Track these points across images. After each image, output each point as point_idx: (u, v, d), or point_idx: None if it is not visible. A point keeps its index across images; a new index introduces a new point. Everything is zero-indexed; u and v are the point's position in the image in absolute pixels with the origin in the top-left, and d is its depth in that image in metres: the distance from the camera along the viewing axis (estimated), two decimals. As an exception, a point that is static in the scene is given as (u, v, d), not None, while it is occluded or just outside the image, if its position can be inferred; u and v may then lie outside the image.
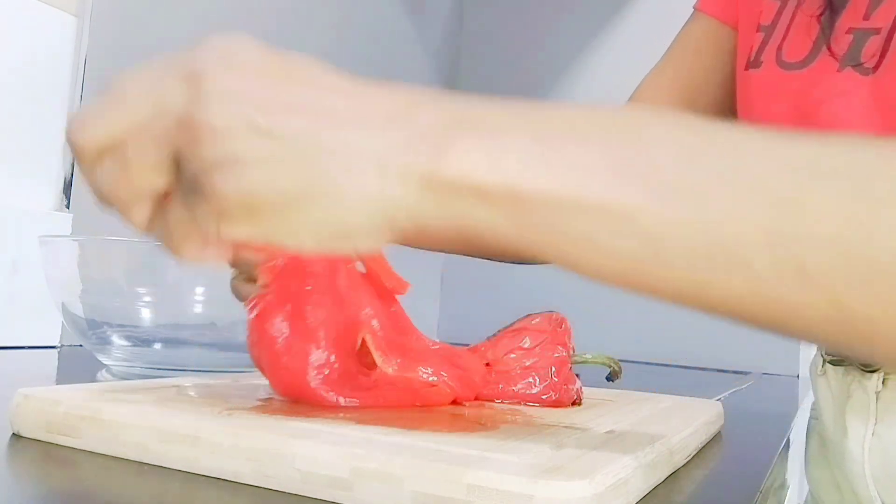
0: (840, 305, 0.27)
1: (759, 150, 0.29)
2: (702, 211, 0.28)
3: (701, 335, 1.45)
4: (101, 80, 0.87)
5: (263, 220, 0.29)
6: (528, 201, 0.28)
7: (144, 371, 0.62)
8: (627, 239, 0.28)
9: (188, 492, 0.31)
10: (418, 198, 0.28)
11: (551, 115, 0.30)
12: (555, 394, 0.49)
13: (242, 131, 0.28)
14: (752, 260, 0.27)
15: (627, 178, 0.28)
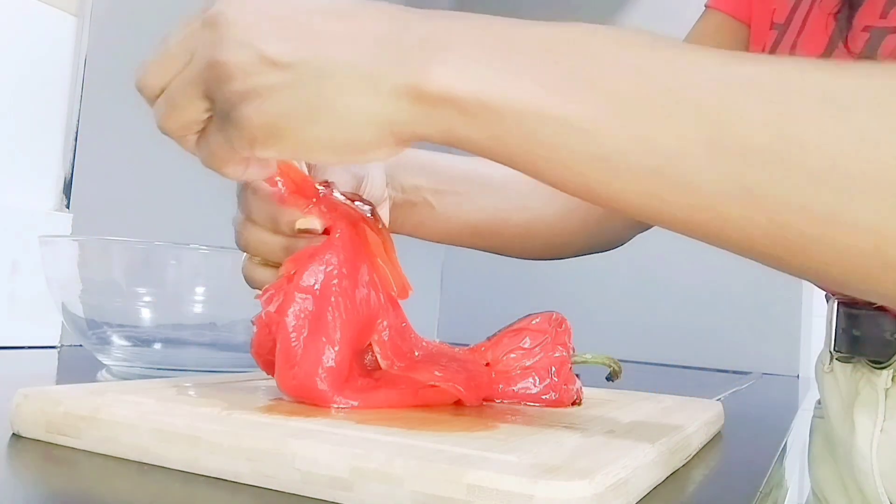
0: (779, 222, 0.29)
1: (703, 68, 0.30)
2: (649, 128, 0.30)
3: (701, 335, 1.45)
4: (102, 80, 0.87)
5: (284, 140, 0.33)
6: (498, 113, 0.31)
7: (144, 371, 0.62)
8: (584, 151, 0.31)
9: (188, 492, 0.31)
10: (410, 111, 0.32)
11: (522, 35, 0.33)
12: (555, 394, 0.49)
13: (255, 66, 0.32)
14: (695, 175, 0.29)
15: (585, 94, 0.31)
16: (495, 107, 0.31)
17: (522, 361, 0.50)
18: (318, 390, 0.40)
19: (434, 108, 0.32)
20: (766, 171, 0.29)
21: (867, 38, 0.56)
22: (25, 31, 0.80)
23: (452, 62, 0.32)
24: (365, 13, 0.34)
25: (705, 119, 0.29)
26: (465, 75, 0.32)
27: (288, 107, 0.33)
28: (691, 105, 0.30)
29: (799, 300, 1.41)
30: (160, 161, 0.98)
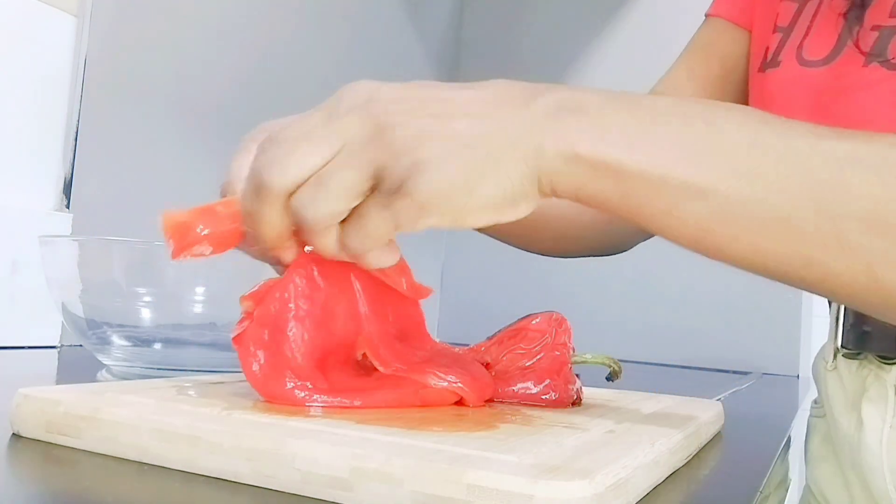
0: (874, 274, 0.34)
1: (810, 140, 0.35)
2: (762, 191, 0.35)
3: (701, 335, 1.45)
4: (102, 80, 0.87)
5: (451, 206, 0.35)
6: (626, 175, 0.35)
7: (144, 371, 0.62)
8: (701, 211, 0.35)
9: (188, 492, 0.31)
10: (550, 168, 0.35)
11: (648, 103, 0.37)
12: (555, 394, 0.49)
13: (426, 138, 0.35)
14: (802, 232, 0.34)
15: (704, 160, 0.35)
16: (622, 168, 0.35)
17: (522, 361, 0.50)
18: (300, 401, 0.41)
19: (569, 166, 0.35)
20: (865, 234, 0.34)
21: (876, 37, 0.57)
22: (25, 31, 0.80)
23: (585, 125, 0.36)
24: (493, 89, 0.37)
25: (813, 188, 0.34)
26: (595, 138, 0.35)
27: (455, 175, 0.35)
28: (801, 174, 0.35)
29: (799, 300, 1.41)
30: (160, 161, 0.98)
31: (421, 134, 0.35)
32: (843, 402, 0.65)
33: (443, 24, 1.68)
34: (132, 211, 0.92)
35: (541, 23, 1.65)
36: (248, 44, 1.11)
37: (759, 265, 0.37)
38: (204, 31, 1.04)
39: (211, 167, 1.06)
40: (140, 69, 0.93)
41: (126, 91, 0.92)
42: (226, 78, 1.06)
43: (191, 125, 1.01)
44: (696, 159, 0.35)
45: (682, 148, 0.35)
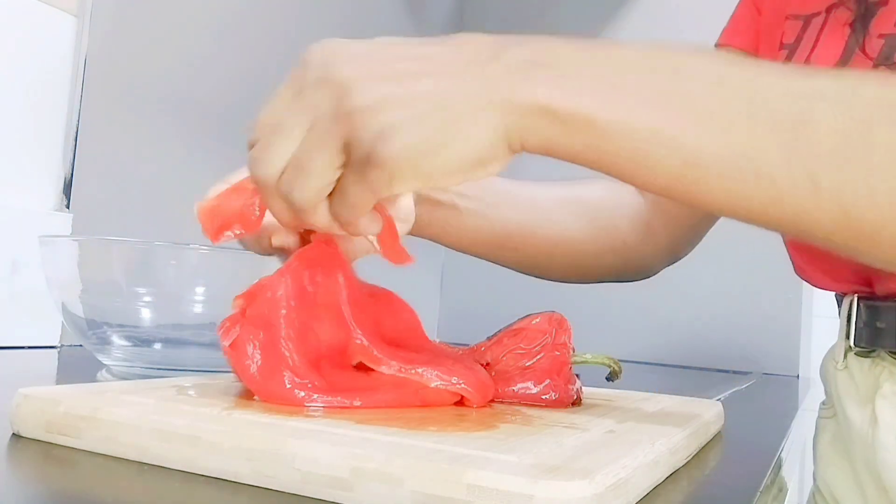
0: (846, 211, 0.33)
1: (777, 81, 0.35)
2: (730, 134, 0.34)
3: (701, 335, 1.45)
4: (102, 80, 0.87)
5: (421, 169, 0.35)
6: (595, 125, 0.35)
7: (144, 371, 0.62)
8: (671, 158, 0.35)
9: (188, 492, 0.31)
10: (520, 123, 0.35)
11: (615, 53, 0.37)
12: (555, 394, 0.49)
13: (383, 106, 0.35)
14: (773, 176, 0.34)
15: (672, 108, 0.35)
16: (592, 119, 0.35)
17: (522, 361, 0.50)
18: (299, 400, 0.41)
19: (540, 121, 0.35)
20: (834, 169, 0.33)
21: (882, 45, 0.58)
22: (25, 31, 0.80)
23: (554, 78, 0.35)
24: (461, 44, 0.37)
25: (780, 124, 0.34)
26: (565, 90, 0.35)
27: (420, 138, 0.35)
28: (768, 114, 0.34)
29: (799, 300, 1.41)
30: (160, 161, 0.98)
31: (383, 100, 0.35)
32: (856, 399, 0.65)
33: (443, 23, 1.68)
34: (132, 211, 0.92)
35: (541, 23, 1.65)
36: (247, 43, 1.11)
37: (731, 210, 0.36)
38: (204, 31, 1.04)
39: (211, 167, 1.06)
40: (140, 69, 0.93)
41: (126, 91, 0.92)
42: (226, 78, 1.06)
43: (191, 125, 1.01)
44: (664, 108, 0.35)
45: (650, 98, 0.35)
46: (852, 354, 0.66)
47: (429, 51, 0.37)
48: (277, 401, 0.41)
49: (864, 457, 0.64)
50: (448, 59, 0.36)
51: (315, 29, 1.25)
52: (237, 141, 0.56)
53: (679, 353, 1.45)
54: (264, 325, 0.42)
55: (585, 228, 0.66)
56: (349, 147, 0.36)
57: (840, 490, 0.70)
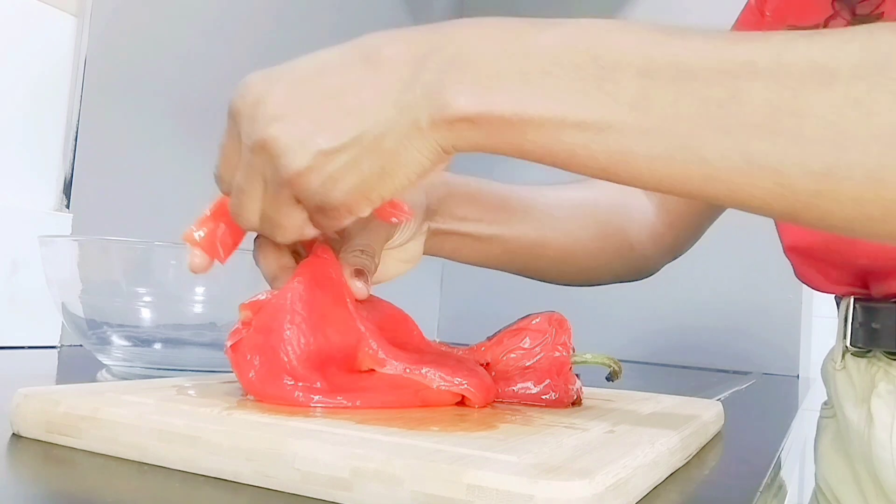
0: (781, 181, 0.33)
1: (702, 55, 0.34)
2: (657, 119, 0.34)
3: (701, 335, 1.45)
4: (102, 80, 0.87)
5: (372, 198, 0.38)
6: (515, 126, 0.35)
7: (144, 371, 0.62)
8: (602, 149, 0.35)
9: (188, 492, 0.31)
10: (448, 135, 0.36)
11: (532, 42, 0.36)
12: (555, 394, 0.49)
13: (320, 161, 0.37)
14: (704, 153, 0.33)
15: (595, 97, 0.34)
16: (514, 121, 0.35)
17: (522, 361, 0.50)
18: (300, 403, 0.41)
19: (463, 129, 0.36)
20: (765, 142, 0.32)
21: None
22: (25, 31, 0.80)
23: (472, 84, 0.36)
24: (383, 65, 0.38)
25: (707, 103, 0.33)
26: (484, 97, 0.35)
27: (361, 178, 0.37)
28: (695, 92, 0.33)
29: (799, 300, 1.41)
30: (160, 161, 0.98)
31: (316, 158, 0.37)
32: (853, 399, 0.66)
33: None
34: (132, 211, 0.92)
35: (541, 23, 1.65)
36: (247, 43, 1.11)
37: (669, 189, 0.36)
38: (204, 31, 1.04)
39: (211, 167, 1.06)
40: (140, 69, 0.93)
41: (126, 91, 0.92)
42: (225, 78, 1.06)
43: (191, 125, 1.01)
44: (587, 98, 0.35)
45: (573, 89, 0.35)
46: (850, 355, 0.67)
47: (347, 80, 0.38)
48: (277, 401, 0.41)
49: (862, 455, 0.65)
50: (368, 92, 0.37)
51: (315, 28, 1.25)
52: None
53: (679, 353, 1.45)
54: (266, 331, 0.42)
55: (595, 236, 0.66)
56: (301, 200, 0.39)
57: (840, 489, 0.70)
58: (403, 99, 0.37)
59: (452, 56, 0.36)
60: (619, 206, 0.69)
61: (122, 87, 0.91)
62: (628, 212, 0.70)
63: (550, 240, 0.64)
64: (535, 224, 0.63)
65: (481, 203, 0.59)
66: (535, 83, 0.35)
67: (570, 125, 0.35)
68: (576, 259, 0.66)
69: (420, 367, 0.44)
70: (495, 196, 0.61)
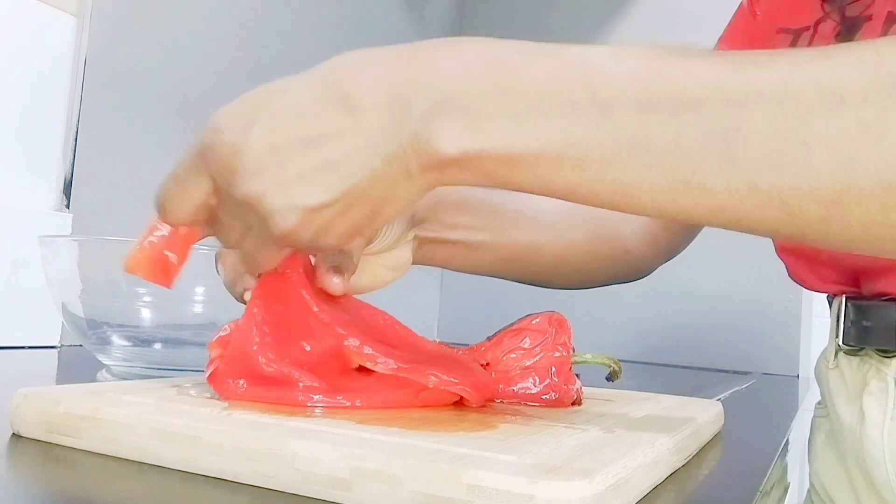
0: (788, 208, 0.32)
1: (706, 85, 0.33)
2: (660, 154, 0.33)
3: (701, 335, 1.45)
4: (102, 80, 0.87)
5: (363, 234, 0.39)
6: (516, 166, 0.34)
7: (144, 371, 0.62)
8: (601, 186, 0.34)
9: (188, 492, 0.31)
10: (440, 177, 0.36)
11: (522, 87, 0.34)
12: (555, 394, 0.49)
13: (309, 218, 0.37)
14: (709, 186, 0.33)
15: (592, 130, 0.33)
16: (508, 162, 0.34)
17: (522, 361, 0.50)
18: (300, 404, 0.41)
19: (455, 171, 0.35)
20: (773, 173, 0.32)
21: None
22: (25, 31, 0.80)
23: (461, 132, 0.34)
24: (363, 112, 0.36)
25: (712, 136, 0.32)
26: (474, 140, 0.34)
27: (352, 222, 0.37)
28: (698, 125, 0.32)
29: (799, 300, 1.41)
30: (160, 161, 0.98)
31: (305, 215, 0.37)
32: (845, 396, 0.66)
33: (443, 23, 1.68)
34: (132, 211, 0.92)
35: (541, 23, 1.65)
36: (247, 43, 1.11)
37: (672, 217, 0.35)
38: (203, 31, 1.04)
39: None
40: (140, 69, 0.93)
41: (126, 91, 0.92)
42: (225, 77, 1.06)
43: (191, 125, 1.01)
44: (585, 137, 0.33)
45: (570, 128, 0.33)
46: (842, 353, 0.68)
47: (327, 129, 0.36)
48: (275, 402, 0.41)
49: (854, 453, 0.65)
50: (351, 143, 0.36)
51: (314, 28, 1.25)
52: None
53: (679, 353, 1.45)
54: (241, 359, 0.42)
55: (589, 240, 0.66)
56: None
57: (833, 487, 0.71)
58: (389, 150, 0.35)
59: (438, 99, 0.35)
60: None
61: (122, 87, 0.91)
62: (622, 215, 0.70)
63: (543, 245, 0.64)
64: (528, 230, 0.63)
65: (471, 210, 0.59)
66: (530, 123, 0.34)
67: (568, 164, 0.34)
68: (570, 263, 0.66)
69: (414, 366, 0.44)
70: (485, 203, 0.61)
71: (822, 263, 0.66)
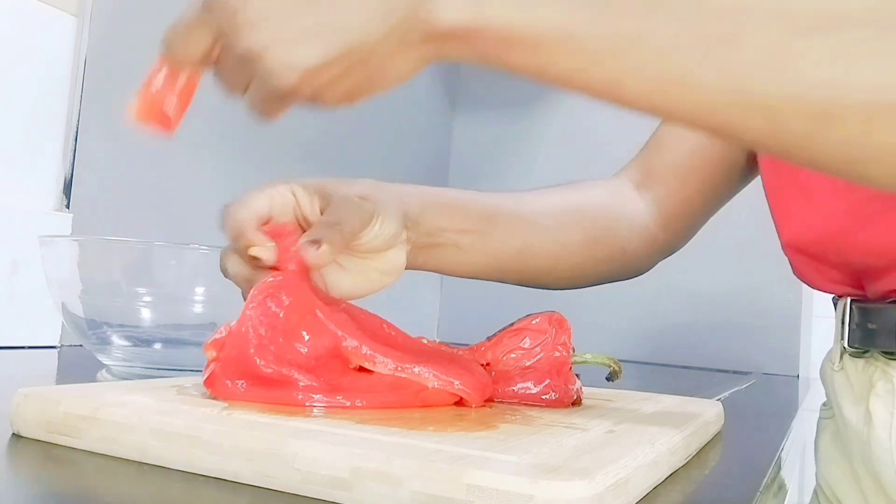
0: (775, 120, 0.33)
1: None
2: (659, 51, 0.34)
3: (701, 335, 1.45)
4: (102, 80, 0.87)
5: (360, 98, 0.39)
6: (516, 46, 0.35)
7: (144, 371, 0.62)
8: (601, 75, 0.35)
9: (188, 492, 0.31)
10: (439, 50, 0.37)
11: None
12: (555, 394, 0.49)
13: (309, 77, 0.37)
14: (700, 87, 0.34)
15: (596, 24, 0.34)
16: (508, 39, 0.35)
17: (522, 361, 0.50)
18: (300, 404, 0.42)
19: (454, 45, 0.36)
20: (764, 80, 0.33)
21: None
22: (25, 31, 0.80)
23: (455, 1, 0.35)
24: None
25: (709, 39, 0.33)
26: (475, 12, 0.35)
27: (351, 85, 0.38)
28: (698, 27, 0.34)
29: (799, 300, 1.41)
30: (160, 161, 0.98)
31: (306, 70, 0.37)
32: (851, 399, 0.66)
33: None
34: (132, 211, 0.92)
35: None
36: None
37: (659, 114, 0.37)
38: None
39: (211, 166, 1.06)
40: (140, 69, 0.93)
41: (126, 91, 0.91)
42: (226, 78, 1.06)
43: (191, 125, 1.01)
44: (588, 23, 0.34)
45: (575, 11, 0.35)
46: (847, 356, 0.67)
47: None
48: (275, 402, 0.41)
49: (861, 454, 0.65)
50: (356, 4, 0.37)
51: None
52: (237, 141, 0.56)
53: (679, 353, 1.45)
54: (239, 361, 0.42)
55: (585, 240, 0.66)
56: None
57: (840, 488, 0.71)
58: (391, 16, 0.36)
59: None
60: (610, 210, 0.69)
61: (122, 87, 0.91)
62: (620, 215, 0.69)
63: (537, 248, 0.63)
64: (521, 232, 0.62)
65: (462, 213, 0.59)
66: (533, 4, 0.35)
67: (567, 51, 0.34)
68: (566, 265, 0.66)
69: (413, 366, 0.44)
70: (478, 206, 0.60)
71: (826, 263, 0.66)
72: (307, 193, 0.49)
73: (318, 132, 1.26)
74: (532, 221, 0.63)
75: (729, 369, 1.38)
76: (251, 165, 1.09)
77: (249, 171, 1.09)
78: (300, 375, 0.42)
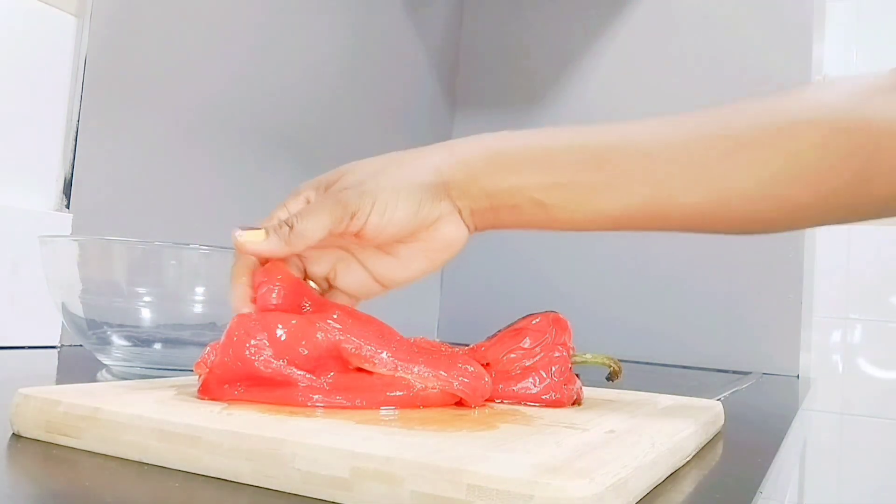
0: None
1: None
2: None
3: (701, 335, 1.45)
4: (102, 80, 0.87)
5: None
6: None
7: (144, 371, 0.62)
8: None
9: (188, 492, 0.31)
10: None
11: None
12: (555, 394, 0.49)
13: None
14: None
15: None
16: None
17: (522, 361, 0.50)
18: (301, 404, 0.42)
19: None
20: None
21: None
22: (25, 31, 0.80)
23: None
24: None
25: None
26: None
27: None
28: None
29: (799, 300, 1.41)
30: (160, 161, 0.98)
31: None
32: None
33: (443, 24, 1.68)
34: (132, 211, 0.92)
35: (541, 23, 1.65)
36: (247, 44, 1.11)
37: None
38: (204, 31, 1.04)
39: (211, 166, 1.06)
40: (140, 69, 0.93)
41: (126, 91, 0.92)
42: (225, 78, 1.06)
43: (191, 125, 1.01)
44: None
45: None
46: None
47: None
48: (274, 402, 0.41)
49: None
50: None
51: (314, 29, 1.25)
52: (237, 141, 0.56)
53: (679, 353, 1.45)
54: (235, 365, 0.42)
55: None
56: None
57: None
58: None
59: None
60: None
61: (122, 87, 0.91)
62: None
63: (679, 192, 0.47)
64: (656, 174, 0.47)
65: (548, 167, 0.49)
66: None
67: None
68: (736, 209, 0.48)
69: (413, 366, 0.44)
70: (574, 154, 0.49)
71: None
72: (318, 195, 0.50)
73: (319, 133, 1.26)
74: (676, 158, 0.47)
75: (729, 369, 1.38)
76: (251, 166, 1.10)
77: (250, 172, 1.09)
78: (300, 375, 0.42)
